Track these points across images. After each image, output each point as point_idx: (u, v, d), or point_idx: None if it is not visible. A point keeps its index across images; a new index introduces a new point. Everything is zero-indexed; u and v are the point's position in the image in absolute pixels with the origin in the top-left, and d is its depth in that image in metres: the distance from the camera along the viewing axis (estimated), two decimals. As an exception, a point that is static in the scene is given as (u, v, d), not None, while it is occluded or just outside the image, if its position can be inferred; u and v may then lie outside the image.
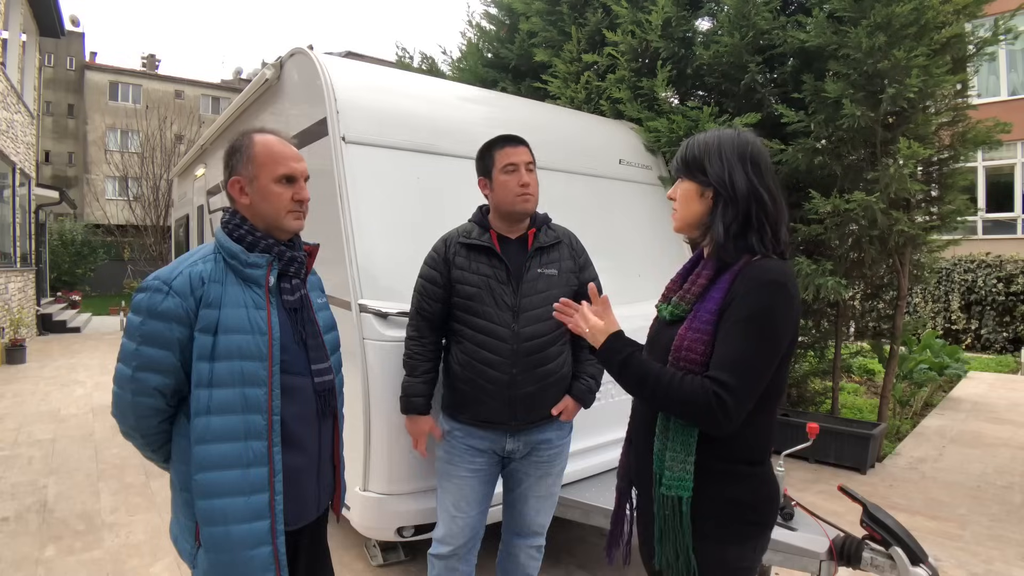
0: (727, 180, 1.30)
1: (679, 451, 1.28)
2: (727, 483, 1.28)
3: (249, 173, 1.49)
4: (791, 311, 1.25)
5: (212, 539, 1.40)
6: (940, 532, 3.43)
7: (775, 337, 1.23)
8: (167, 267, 1.44)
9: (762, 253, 1.29)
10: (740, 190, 1.29)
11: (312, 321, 1.59)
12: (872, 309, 5.11)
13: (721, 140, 1.34)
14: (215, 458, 1.38)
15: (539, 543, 2.26)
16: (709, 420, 1.22)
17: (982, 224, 12.65)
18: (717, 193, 1.32)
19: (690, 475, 1.26)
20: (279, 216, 1.50)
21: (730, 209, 1.30)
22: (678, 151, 1.41)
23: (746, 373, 1.21)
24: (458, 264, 2.06)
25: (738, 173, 1.30)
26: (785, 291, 1.24)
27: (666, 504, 1.29)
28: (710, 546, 1.28)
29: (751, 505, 1.30)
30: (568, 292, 2.12)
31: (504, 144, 2.10)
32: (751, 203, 1.29)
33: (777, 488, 1.38)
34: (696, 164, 1.35)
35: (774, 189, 1.32)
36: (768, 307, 1.22)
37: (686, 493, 1.26)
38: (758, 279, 1.24)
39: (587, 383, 2.18)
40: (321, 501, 1.61)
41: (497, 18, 6.17)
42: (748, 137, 1.35)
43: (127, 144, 24.26)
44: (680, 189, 1.39)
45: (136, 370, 1.38)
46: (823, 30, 3.81)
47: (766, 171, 1.33)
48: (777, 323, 1.22)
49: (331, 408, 1.60)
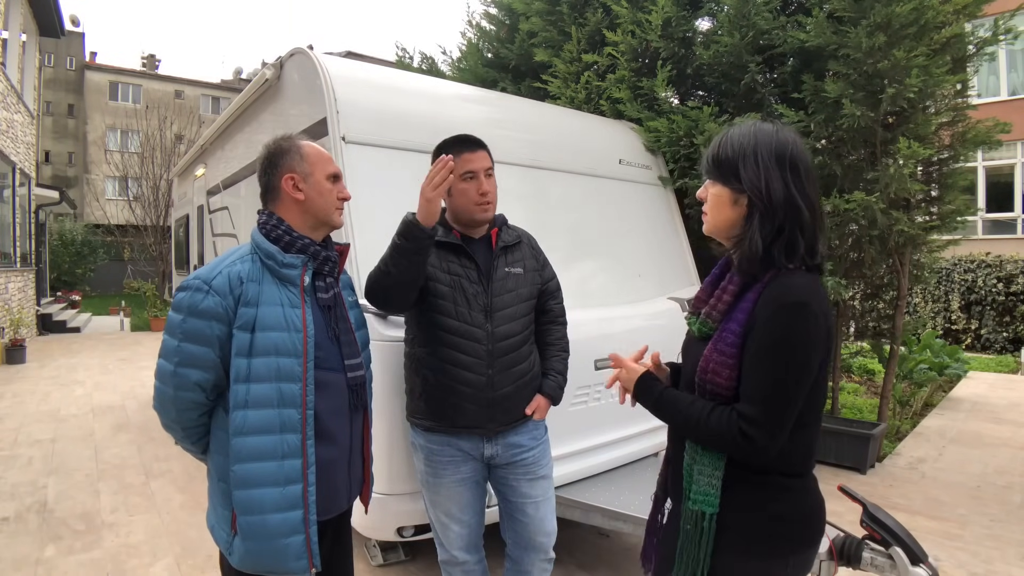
0: (763, 189, 1.18)
1: (707, 465, 1.24)
2: (758, 495, 1.23)
3: (304, 170, 1.56)
4: (818, 330, 1.15)
5: (248, 527, 1.46)
6: (940, 532, 3.43)
7: (801, 364, 1.15)
8: (206, 267, 1.51)
9: (786, 268, 1.19)
10: (777, 200, 1.18)
11: (344, 318, 1.66)
12: (872, 309, 5.10)
13: (758, 140, 1.21)
14: (252, 450, 1.45)
15: (551, 555, 2.16)
16: (742, 454, 1.19)
17: (982, 224, 12.65)
18: (752, 202, 1.20)
19: (716, 491, 1.22)
20: (330, 210, 1.59)
21: (767, 221, 1.19)
22: (709, 147, 1.28)
23: (773, 405, 1.15)
24: (429, 263, 1.95)
25: (775, 180, 1.18)
26: (808, 311, 1.14)
27: (690, 518, 1.25)
28: (731, 559, 1.23)
29: (783, 519, 1.23)
30: (534, 291, 2.12)
31: (461, 148, 1.97)
32: (786, 214, 1.18)
33: (819, 504, 1.29)
34: (729, 167, 1.23)
35: (814, 198, 1.20)
36: (792, 333, 1.14)
37: (710, 509, 1.22)
38: (780, 301, 1.16)
39: (556, 379, 2.15)
40: (351, 492, 1.68)
41: (497, 18, 6.16)
42: (788, 136, 1.22)
43: (127, 144, 24.23)
44: (711, 192, 1.28)
45: (178, 366, 1.45)
46: (823, 30, 3.80)
47: (806, 177, 1.20)
48: (802, 350, 1.15)
49: (362, 402, 1.67)
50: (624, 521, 2.55)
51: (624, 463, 3.08)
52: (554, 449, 2.28)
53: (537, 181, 3.27)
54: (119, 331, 13.19)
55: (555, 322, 2.22)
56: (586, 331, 2.72)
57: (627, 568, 3.00)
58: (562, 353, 2.21)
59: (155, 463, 4.51)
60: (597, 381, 2.88)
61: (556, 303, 2.23)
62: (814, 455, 1.29)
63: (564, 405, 2.57)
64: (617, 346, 1.77)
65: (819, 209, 1.22)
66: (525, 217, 2.46)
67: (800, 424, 1.20)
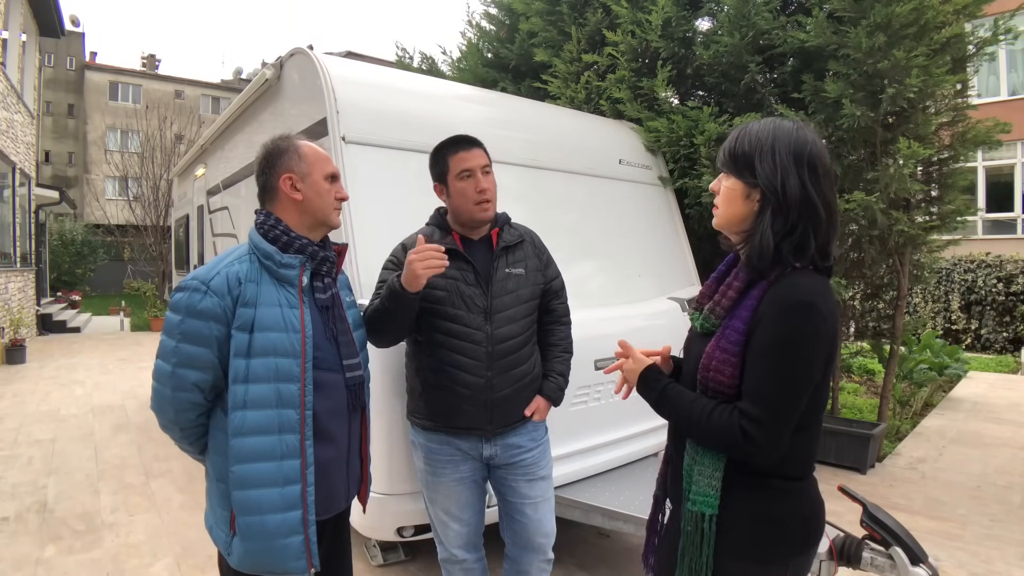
0: (779, 185, 1.17)
1: (707, 466, 1.23)
2: (757, 498, 1.22)
3: (302, 170, 1.56)
4: (823, 331, 1.14)
5: (247, 528, 1.46)
6: (940, 532, 3.43)
7: (805, 365, 1.14)
8: (204, 267, 1.50)
9: (794, 267, 1.18)
10: (792, 198, 1.17)
11: (342, 318, 1.66)
12: (872, 309, 5.10)
13: (777, 136, 1.20)
14: (251, 450, 1.45)
15: (550, 556, 2.16)
16: (743, 454, 1.18)
17: (982, 224, 12.65)
18: (765, 197, 1.19)
19: (716, 492, 1.21)
20: (327, 210, 1.59)
21: (779, 218, 1.18)
22: (726, 141, 1.27)
23: (776, 405, 1.14)
24: None
25: (792, 178, 1.17)
26: (814, 311, 1.13)
27: (690, 520, 1.24)
28: (733, 564, 1.22)
29: (782, 522, 1.22)
30: (536, 291, 2.10)
31: (457, 148, 1.99)
32: (801, 213, 1.17)
33: (819, 507, 1.28)
34: (745, 161, 1.22)
35: (831, 199, 1.20)
36: (796, 333, 1.13)
37: (710, 510, 1.21)
38: (784, 300, 1.14)
39: (557, 381, 2.14)
40: (350, 492, 1.69)
41: (497, 18, 6.16)
42: (807, 135, 1.21)
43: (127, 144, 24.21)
44: (724, 185, 1.26)
45: (176, 366, 1.44)
46: (823, 30, 3.80)
47: (824, 177, 1.19)
48: (807, 349, 1.13)
49: (361, 402, 1.67)
50: (624, 521, 2.55)
51: (624, 463, 3.08)
52: (554, 449, 2.28)
53: (537, 181, 3.26)
54: (119, 331, 13.19)
55: (558, 322, 2.20)
56: (586, 331, 2.72)
57: (627, 568, 3.00)
58: (564, 354, 2.19)
59: (155, 463, 4.51)
60: (597, 381, 2.88)
61: (560, 303, 2.21)
62: (814, 458, 1.29)
63: (564, 405, 2.57)
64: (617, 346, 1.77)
65: (835, 210, 1.21)
66: (525, 217, 2.45)
67: (800, 427, 1.19)
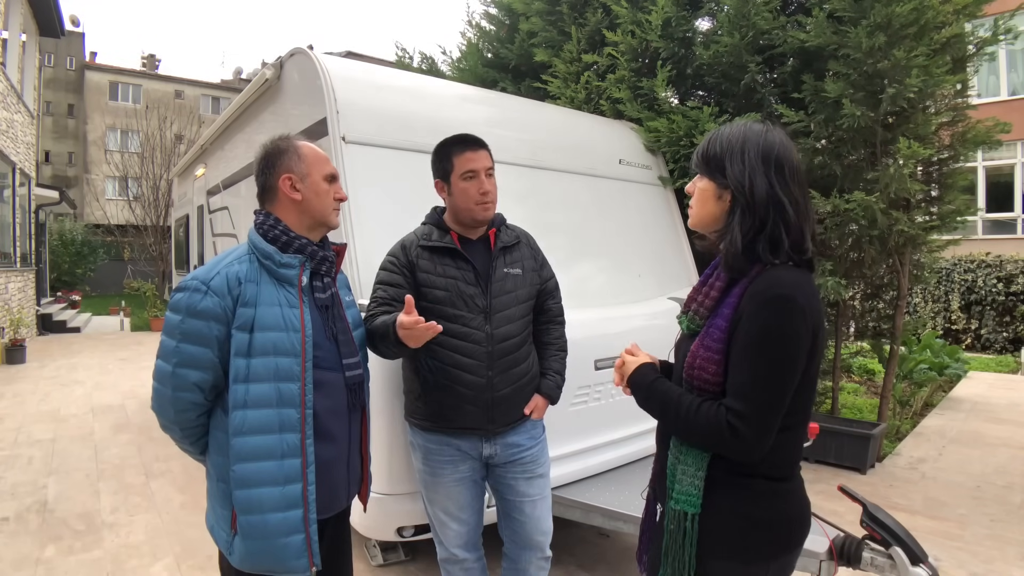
0: (746, 185, 1.21)
1: (690, 465, 1.24)
2: (741, 498, 1.22)
3: (302, 170, 1.56)
4: (804, 325, 1.15)
5: (249, 527, 1.46)
6: (940, 532, 3.43)
7: (787, 358, 1.15)
8: (204, 267, 1.51)
9: (772, 263, 1.21)
10: (759, 196, 1.20)
11: (342, 318, 1.66)
12: (872, 309, 5.10)
13: (746, 139, 1.24)
14: (252, 450, 1.45)
15: (548, 554, 2.16)
16: (730, 450, 1.18)
17: (982, 224, 12.65)
18: (735, 197, 1.23)
19: (699, 491, 1.22)
20: (327, 211, 1.59)
21: (748, 216, 1.22)
22: (700, 144, 1.32)
23: (760, 400, 1.15)
24: (423, 267, 1.97)
25: (759, 178, 1.21)
26: (793, 304, 1.14)
27: (673, 518, 1.24)
28: (715, 563, 1.23)
29: (765, 522, 1.22)
30: (533, 291, 2.11)
31: (463, 148, 1.99)
32: (769, 210, 1.20)
33: (804, 507, 1.29)
34: (716, 163, 1.27)
35: (798, 195, 1.23)
36: (776, 327, 1.14)
37: (692, 509, 1.22)
38: (764, 295, 1.16)
39: (554, 379, 2.15)
40: (350, 491, 1.69)
41: (497, 18, 6.16)
42: (776, 137, 1.25)
43: (127, 144, 24.22)
44: (698, 187, 1.31)
45: (176, 366, 1.45)
46: (823, 30, 3.80)
47: (791, 176, 1.23)
48: (787, 343, 1.14)
49: (360, 401, 1.68)
50: (624, 521, 2.55)
51: (624, 463, 3.08)
52: (554, 449, 2.28)
53: (537, 181, 3.27)
54: (119, 331, 13.19)
55: (553, 322, 2.22)
56: (586, 331, 2.73)
57: (627, 568, 3.00)
58: (560, 353, 2.21)
59: (155, 463, 4.51)
60: (597, 381, 2.88)
61: (554, 303, 2.23)
62: (798, 459, 1.29)
63: (564, 405, 2.57)
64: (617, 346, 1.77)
65: (805, 207, 1.24)
66: (525, 217, 2.46)
67: (784, 427, 1.19)
